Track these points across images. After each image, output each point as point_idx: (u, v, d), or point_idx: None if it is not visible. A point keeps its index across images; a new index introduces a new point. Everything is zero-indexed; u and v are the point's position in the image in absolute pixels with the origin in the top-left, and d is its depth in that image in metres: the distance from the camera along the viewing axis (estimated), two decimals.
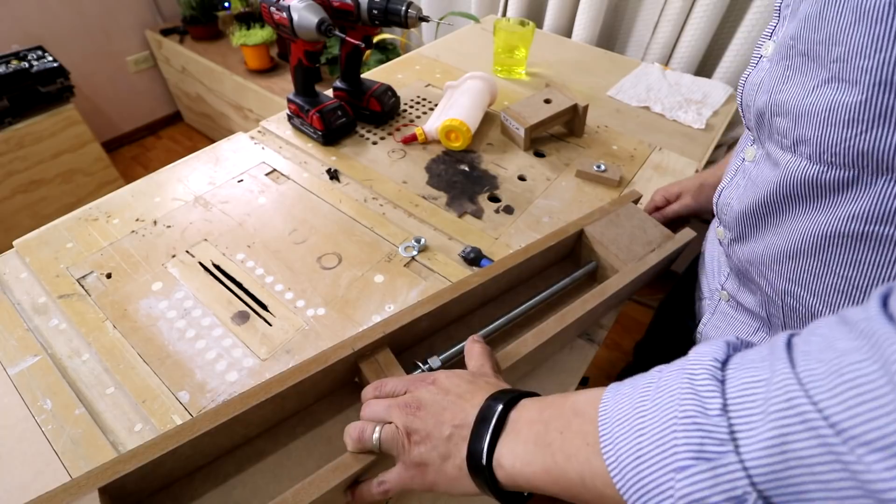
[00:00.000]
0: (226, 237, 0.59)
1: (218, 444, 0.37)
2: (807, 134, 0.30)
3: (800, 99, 0.30)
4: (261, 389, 0.37)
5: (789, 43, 0.31)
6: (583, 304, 0.45)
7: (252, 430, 0.39)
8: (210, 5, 1.82)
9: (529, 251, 0.50)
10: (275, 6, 0.62)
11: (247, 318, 0.51)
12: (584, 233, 0.54)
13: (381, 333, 0.41)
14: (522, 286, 0.55)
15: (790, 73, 0.32)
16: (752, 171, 0.38)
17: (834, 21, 0.27)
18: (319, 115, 0.71)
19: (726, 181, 0.43)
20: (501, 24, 0.91)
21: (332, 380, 0.41)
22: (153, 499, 0.37)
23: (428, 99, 0.87)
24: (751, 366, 0.21)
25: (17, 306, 0.51)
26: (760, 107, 0.35)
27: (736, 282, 0.46)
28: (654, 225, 0.55)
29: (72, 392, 0.44)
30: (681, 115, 0.85)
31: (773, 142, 0.35)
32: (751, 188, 0.38)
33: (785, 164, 0.33)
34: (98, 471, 0.32)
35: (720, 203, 0.44)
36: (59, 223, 0.59)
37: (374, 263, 0.57)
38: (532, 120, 0.72)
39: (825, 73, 0.29)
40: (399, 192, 0.67)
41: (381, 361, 0.41)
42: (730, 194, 0.42)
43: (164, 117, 2.24)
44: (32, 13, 1.65)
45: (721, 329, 0.49)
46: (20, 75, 1.37)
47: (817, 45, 0.29)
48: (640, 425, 0.23)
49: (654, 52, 1.11)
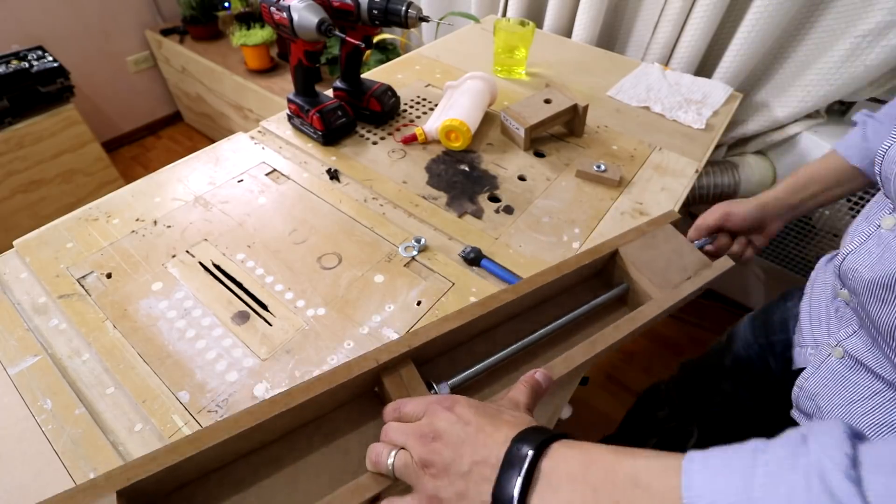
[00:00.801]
0: (226, 237, 0.59)
1: (234, 449, 0.37)
2: None
3: None
4: (283, 399, 0.36)
5: None
6: (614, 331, 0.44)
7: (269, 436, 0.39)
8: (210, 5, 1.83)
9: (562, 270, 0.49)
10: (275, 6, 0.62)
11: (247, 318, 0.51)
12: (619, 253, 0.52)
13: (407, 348, 0.40)
14: (549, 303, 0.53)
15: None
16: (892, 241, 0.38)
17: None
18: (319, 115, 0.71)
19: (855, 246, 0.42)
20: (501, 24, 0.91)
21: (352, 389, 0.41)
22: (168, 499, 0.37)
23: (428, 99, 0.87)
24: (889, 469, 0.19)
25: (17, 306, 0.51)
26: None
27: (868, 341, 0.43)
28: (692, 250, 0.53)
29: (72, 392, 0.44)
30: (681, 115, 0.85)
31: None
32: (889, 259, 0.37)
33: None
34: (117, 472, 0.32)
35: (844, 268, 0.43)
36: (59, 223, 0.59)
37: (374, 263, 0.57)
38: (532, 120, 0.72)
39: None
40: (399, 192, 0.67)
41: (403, 376, 0.40)
42: (858, 260, 0.41)
43: (164, 117, 2.24)
44: (32, 13, 1.65)
45: (829, 388, 0.46)
46: (20, 75, 1.37)
47: None
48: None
49: (654, 52, 1.11)
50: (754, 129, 1.09)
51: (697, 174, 0.74)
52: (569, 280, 0.51)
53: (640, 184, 0.71)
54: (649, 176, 0.72)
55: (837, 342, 0.46)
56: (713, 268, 0.51)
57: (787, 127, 1.06)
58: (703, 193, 1.15)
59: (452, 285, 0.55)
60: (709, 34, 1.03)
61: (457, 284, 0.55)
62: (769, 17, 0.93)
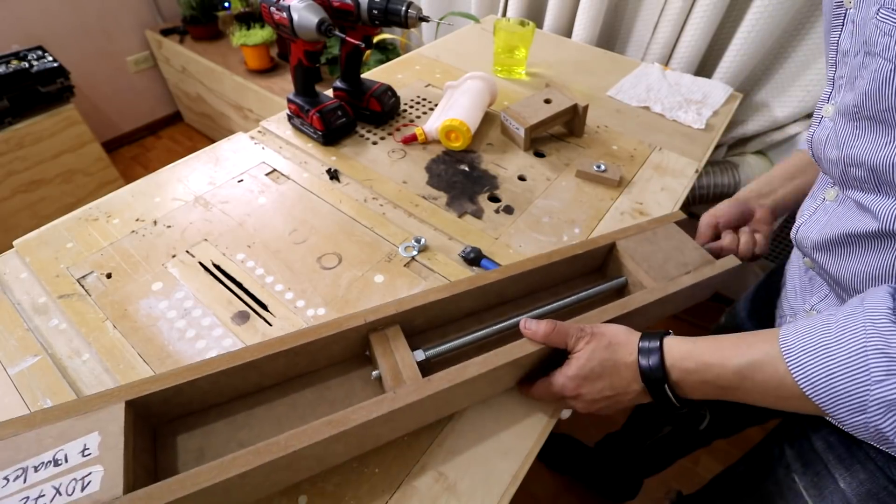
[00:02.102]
0: (226, 237, 0.59)
1: (234, 385, 0.41)
2: (887, 179, 0.36)
3: (874, 153, 0.36)
4: (277, 342, 0.40)
5: (853, 110, 0.37)
6: (600, 314, 0.44)
7: (265, 380, 0.42)
8: (210, 5, 1.82)
9: (553, 256, 0.49)
10: (275, 6, 0.62)
11: (247, 318, 0.51)
12: (616, 246, 0.52)
13: (394, 311, 0.43)
14: (545, 293, 0.53)
15: (859, 132, 0.37)
16: (836, 210, 0.43)
17: (892, 97, 0.33)
18: (319, 115, 0.71)
19: (805, 218, 0.47)
20: (501, 24, 0.91)
21: (343, 347, 0.43)
22: (171, 424, 0.41)
23: (428, 99, 0.87)
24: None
25: (17, 306, 0.51)
26: (833, 159, 0.41)
27: (837, 302, 0.47)
28: (695, 248, 0.52)
29: (72, 392, 0.44)
30: (681, 115, 0.85)
31: (854, 187, 0.40)
32: (834, 224, 0.43)
33: (869, 203, 0.38)
34: (126, 386, 0.36)
35: (799, 237, 0.48)
36: (59, 223, 0.59)
37: (374, 263, 0.57)
38: (532, 120, 0.72)
39: None
40: (399, 192, 0.67)
41: (389, 336, 0.43)
42: (809, 228, 0.46)
43: (164, 117, 2.24)
44: (32, 13, 1.65)
45: None
46: (20, 75, 1.37)
47: (885, 113, 0.34)
48: (827, 353, 0.31)
49: (654, 52, 1.11)
50: (754, 129, 1.09)
51: (697, 174, 0.74)
52: (563, 269, 0.51)
53: (640, 184, 0.71)
54: (649, 176, 0.72)
55: (811, 307, 0.50)
56: (716, 265, 0.51)
57: (786, 127, 1.06)
58: (703, 193, 1.15)
59: None
60: (709, 34, 1.03)
61: None
62: (769, 17, 0.93)
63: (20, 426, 0.34)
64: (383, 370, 0.41)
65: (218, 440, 0.40)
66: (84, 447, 0.33)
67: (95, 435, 0.33)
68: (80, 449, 0.33)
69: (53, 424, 0.34)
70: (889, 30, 0.32)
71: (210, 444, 0.40)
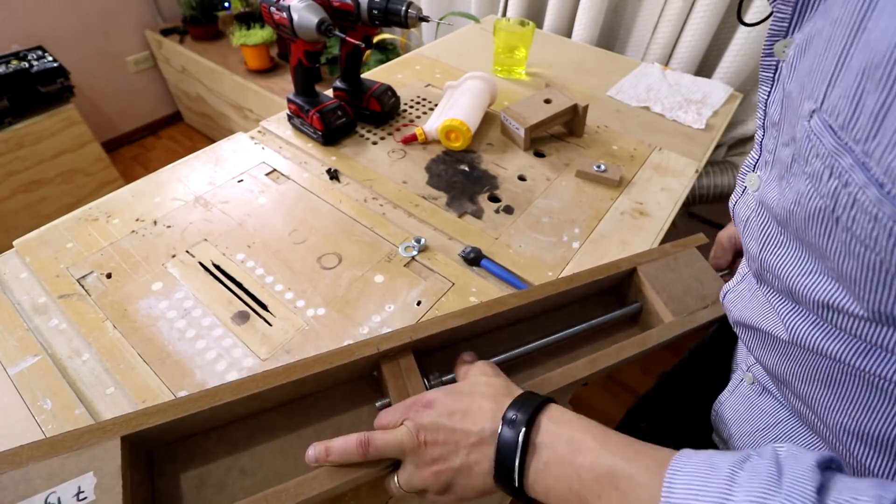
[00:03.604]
0: (226, 237, 0.59)
1: (234, 411, 0.39)
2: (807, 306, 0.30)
3: (799, 278, 0.30)
4: (283, 372, 0.38)
5: (778, 216, 0.31)
6: (618, 351, 0.43)
7: (268, 403, 0.41)
8: (210, 5, 1.83)
9: (574, 282, 0.48)
10: (275, 6, 0.62)
11: (247, 318, 0.51)
12: (637, 272, 0.51)
13: (409, 339, 0.41)
14: (559, 312, 0.52)
15: (785, 239, 0.31)
16: (756, 292, 0.38)
17: (824, 239, 0.26)
18: (319, 115, 0.71)
19: (733, 284, 0.42)
20: (501, 24, 0.91)
21: (350, 370, 0.42)
22: (168, 448, 0.39)
23: (428, 99, 0.87)
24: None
25: (17, 306, 0.51)
26: (752, 253, 0.35)
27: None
28: (714, 278, 0.51)
29: (72, 392, 0.44)
30: (681, 115, 0.85)
31: (768, 286, 0.34)
32: (755, 307, 0.37)
33: (780, 308, 0.33)
34: (123, 420, 0.34)
35: (725, 303, 0.43)
36: (59, 223, 0.59)
37: (374, 263, 0.57)
38: (532, 120, 0.72)
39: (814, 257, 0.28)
40: (399, 192, 0.67)
41: (402, 366, 0.41)
42: (733, 301, 0.41)
43: (164, 117, 2.24)
44: (32, 13, 1.65)
45: (739, 414, 0.45)
46: (20, 75, 1.37)
47: (813, 245, 0.27)
48: None
49: (654, 52, 1.11)
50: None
51: (697, 174, 0.74)
52: (581, 291, 0.50)
53: (640, 184, 0.71)
54: (649, 176, 0.72)
55: (748, 367, 0.44)
56: None
57: None
58: (703, 193, 1.15)
59: (452, 285, 0.55)
60: (709, 34, 1.03)
61: (457, 284, 0.55)
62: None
63: (4, 463, 0.31)
64: (394, 400, 0.39)
65: (218, 468, 0.38)
66: (78, 489, 0.31)
67: (90, 476, 0.31)
68: (73, 492, 0.31)
69: (42, 462, 0.31)
70: (824, 154, 0.23)
71: (210, 471, 0.38)
